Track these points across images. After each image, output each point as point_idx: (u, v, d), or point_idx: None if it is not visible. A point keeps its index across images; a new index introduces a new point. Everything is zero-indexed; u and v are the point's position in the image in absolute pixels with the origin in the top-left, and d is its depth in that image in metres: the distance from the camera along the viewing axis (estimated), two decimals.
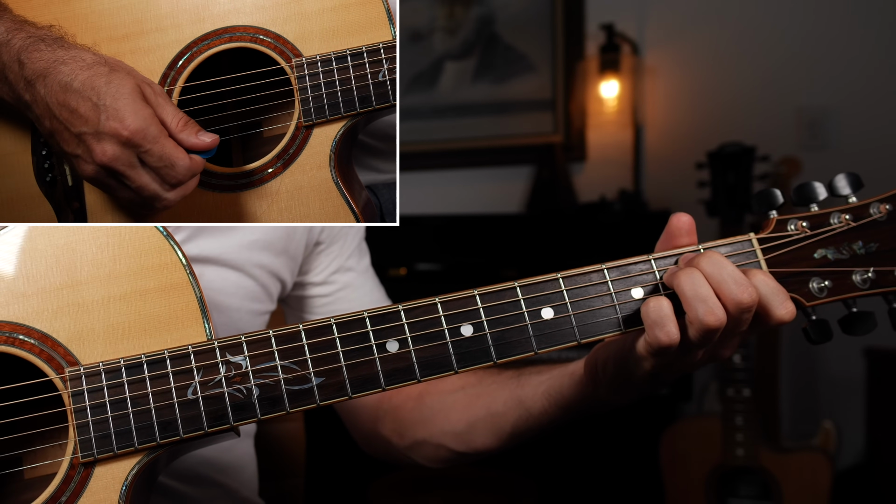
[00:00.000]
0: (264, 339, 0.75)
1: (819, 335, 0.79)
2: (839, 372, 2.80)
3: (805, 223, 0.79)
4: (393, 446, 1.14)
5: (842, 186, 0.80)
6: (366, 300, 1.21)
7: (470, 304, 0.77)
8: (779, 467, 2.19)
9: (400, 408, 1.13)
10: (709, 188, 2.37)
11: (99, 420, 0.73)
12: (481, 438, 1.03)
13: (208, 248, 1.03)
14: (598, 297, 0.78)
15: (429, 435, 1.09)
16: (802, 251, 0.79)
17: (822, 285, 0.78)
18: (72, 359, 0.75)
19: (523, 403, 0.97)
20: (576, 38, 3.13)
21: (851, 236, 0.79)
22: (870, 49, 2.79)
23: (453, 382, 1.09)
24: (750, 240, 0.80)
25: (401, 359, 0.76)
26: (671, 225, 0.80)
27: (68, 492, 0.73)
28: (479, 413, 1.03)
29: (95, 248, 0.78)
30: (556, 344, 0.77)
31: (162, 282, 0.78)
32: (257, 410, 0.74)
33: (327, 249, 1.18)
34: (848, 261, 0.79)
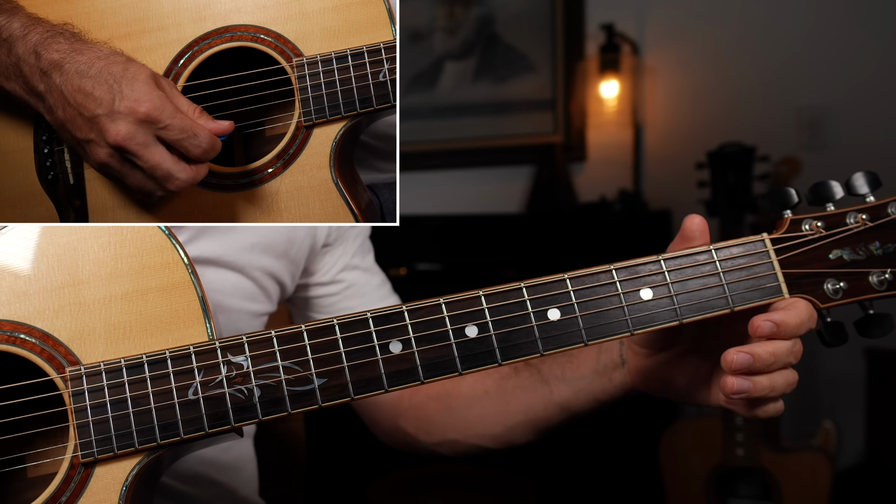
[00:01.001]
0: (266, 339, 0.74)
1: (834, 338, 0.77)
2: (839, 372, 2.80)
3: (820, 223, 0.78)
4: (419, 442, 1.15)
5: (860, 185, 0.78)
6: (373, 296, 1.21)
7: (475, 304, 0.76)
8: (779, 467, 2.19)
9: (421, 406, 1.14)
10: (709, 188, 2.37)
11: (99, 420, 0.73)
12: (521, 437, 1.06)
13: (208, 250, 1.02)
14: (606, 297, 0.76)
15: (463, 436, 1.10)
16: (817, 252, 0.77)
17: (837, 287, 0.77)
18: (73, 358, 0.74)
19: (568, 410, 1.00)
20: (576, 38, 3.13)
21: (868, 237, 0.77)
22: (870, 49, 2.79)
23: (472, 387, 1.10)
24: (763, 240, 0.78)
25: (404, 360, 0.75)
26: (685, 228, 0.80)
27: (68, 492, 0.72)
28: (518, 418, 1.05)
29: (97, 247, 0.78)
30: (563, 346, 0.76)
31: (163, 281, 0.77)
32: (258, 411, 0.73)
33: (332, 250, 1.18)
34: (864, 262, 0.77)
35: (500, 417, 1.06)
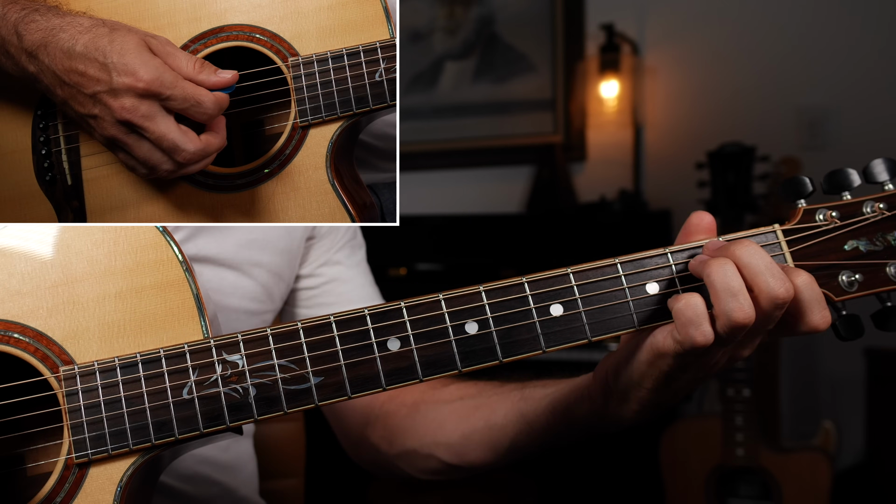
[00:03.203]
0: (262, 337, 0.74)
1: (849, 331, 0.74)
2: (839, 372, 2.79)
3: (835, 213, 0.74)
4: (381, 454, 1.10)
5: (879, 172, 0.74)
6: (354, 295, 1.18)
7: (475, 300, 0.74)
8: (779, 467, 2.19)
9: (392, 414, 1.10)
10: (709, 188, 2.36)
11: (93, 420, 0.72)
12: (476, 452, 0.99)
13: (206, 248, 1.02)
14: (611, 292, 0.73)
15: (419, 444, 1.04)
16: (832, 243, 0.74)
17: (852, 279, 0.73)
18: (67, 357, 0.74)
19: (525, 417, 0.92)
20: (576, 38, 3.13)
21: (886, 226, 0.73)
22: (870, 49, 2.78)
23: (451, 392, 1.05)
24: (774, 231, 0.75)
25: (402, 358, 0.73)
26: (690, 223, 0.76)
27: (63, 493, 0.72)
28: (477, 425, 0.98)
29: (91, 245, 0.77)
30: (566, 342, 0.73)
31: (158, 279, 0.77)
32: (254, 411, 0.72)
33: (318, 243, 1.16)
34: (882, 252, 0.73)
35: (459, 424, 1.00)
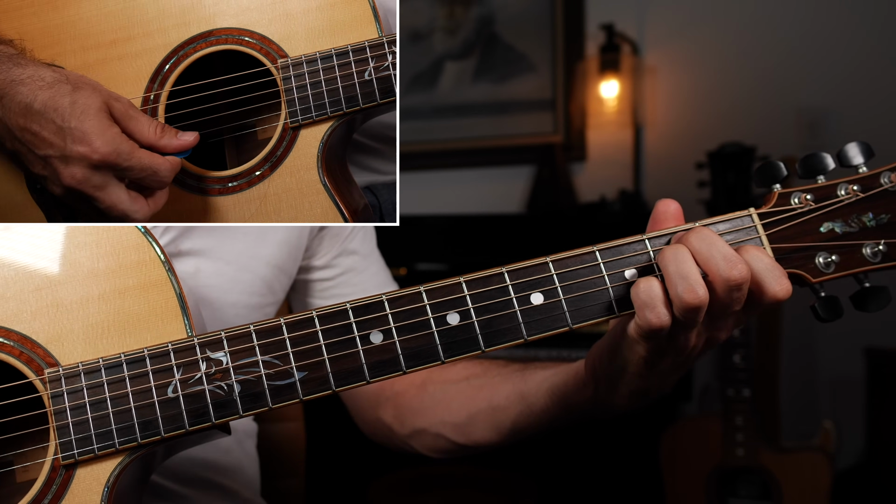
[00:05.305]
0: (245, 334, 0.74)
1: (828, 312, 0.74)
2: (839, 372, 2.79)
3: (809, 196, 0.75)
4: (394, 433, 1.13)
5: (853, 155, 0.75)
6: (370, 283, 1.19)
7: (456, 291, 0.75)
8: (779, 467, 2.19)
9: (402, 394, 1.12)
10: (709, 188, 2.36)
11: (79, 421, 0.73)
12: (481, 431, 1.01)
13: (202, 243, 1.02)
14: (590, 279, 0.74)
15: (429, 424, 1.07)
16: (807, 225, 0.75)
17: (829, 260, 0.74)
18: (51, 360, 0.74)
19: (525, 399, 0.95)
20: (576, 38, 3.13)
21: (860, 208, 0.74)
22: (870, 49, 2.78)
23: (457, 372, 1.08)
24: (750, 215, 0.75)
25: (385, 350, 0.74)
26: (657, 211, 0.76)
27: (50, 494, 0.72)
28: (481, 405, 1.01)
29: (74, 247, 0.78)
30: (547, 330, 0.74)
31: (141, 279, 0.77)
32: (239, 407, 0.73)
33: (331, 232, 1.16)
34: (857, 234, 0.74)
35: (465, 403, 1.03)
